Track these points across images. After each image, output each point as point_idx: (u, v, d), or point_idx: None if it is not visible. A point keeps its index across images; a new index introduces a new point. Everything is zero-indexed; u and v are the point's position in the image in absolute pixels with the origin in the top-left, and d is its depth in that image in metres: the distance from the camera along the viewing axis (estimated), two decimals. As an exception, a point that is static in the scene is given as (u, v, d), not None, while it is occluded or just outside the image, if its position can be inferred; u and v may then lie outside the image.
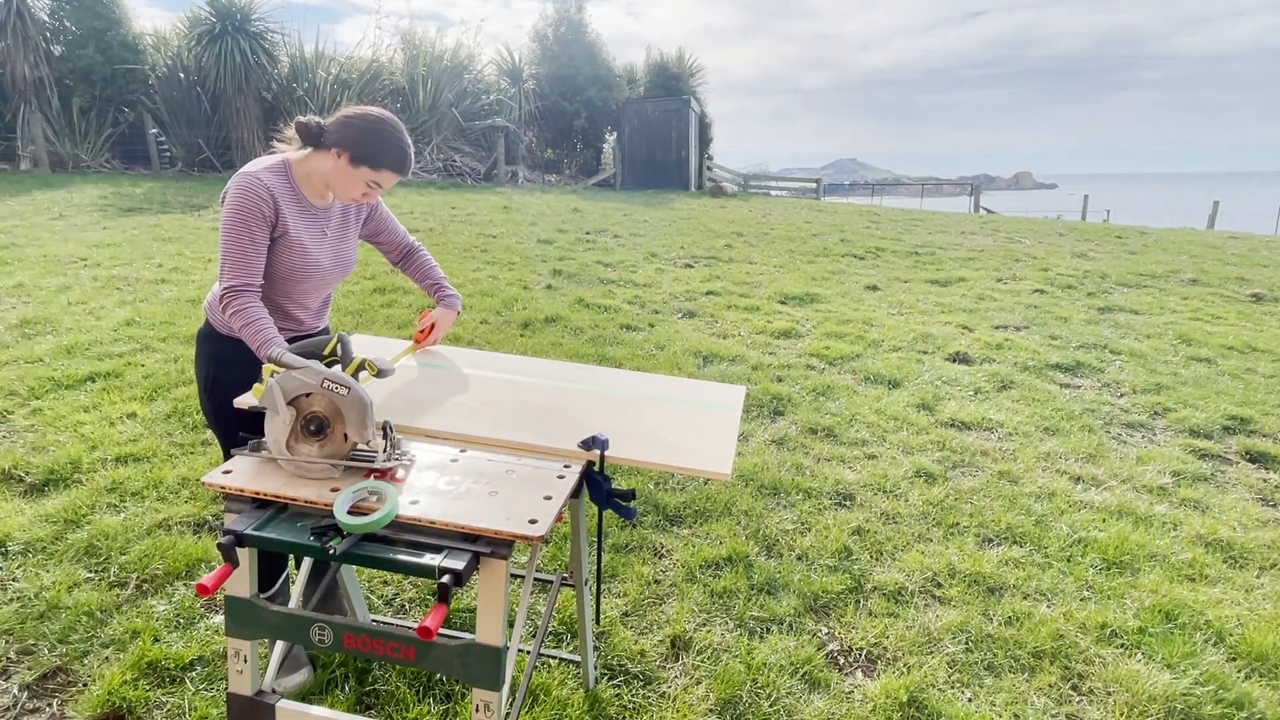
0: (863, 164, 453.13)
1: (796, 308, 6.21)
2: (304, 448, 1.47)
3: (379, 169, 1.78)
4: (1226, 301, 7.09)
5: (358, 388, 1.45)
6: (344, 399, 1.45)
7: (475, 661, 1.35)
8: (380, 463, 1.48)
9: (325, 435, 1.46)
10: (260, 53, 14.28)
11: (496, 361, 2.13)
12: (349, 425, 1.46)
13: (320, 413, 1.46)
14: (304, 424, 1.47)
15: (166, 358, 4.12)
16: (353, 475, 1.46)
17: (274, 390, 1.45)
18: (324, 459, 1.46)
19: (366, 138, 1.77)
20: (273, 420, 1.46)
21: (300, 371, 1.46)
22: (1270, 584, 2.60)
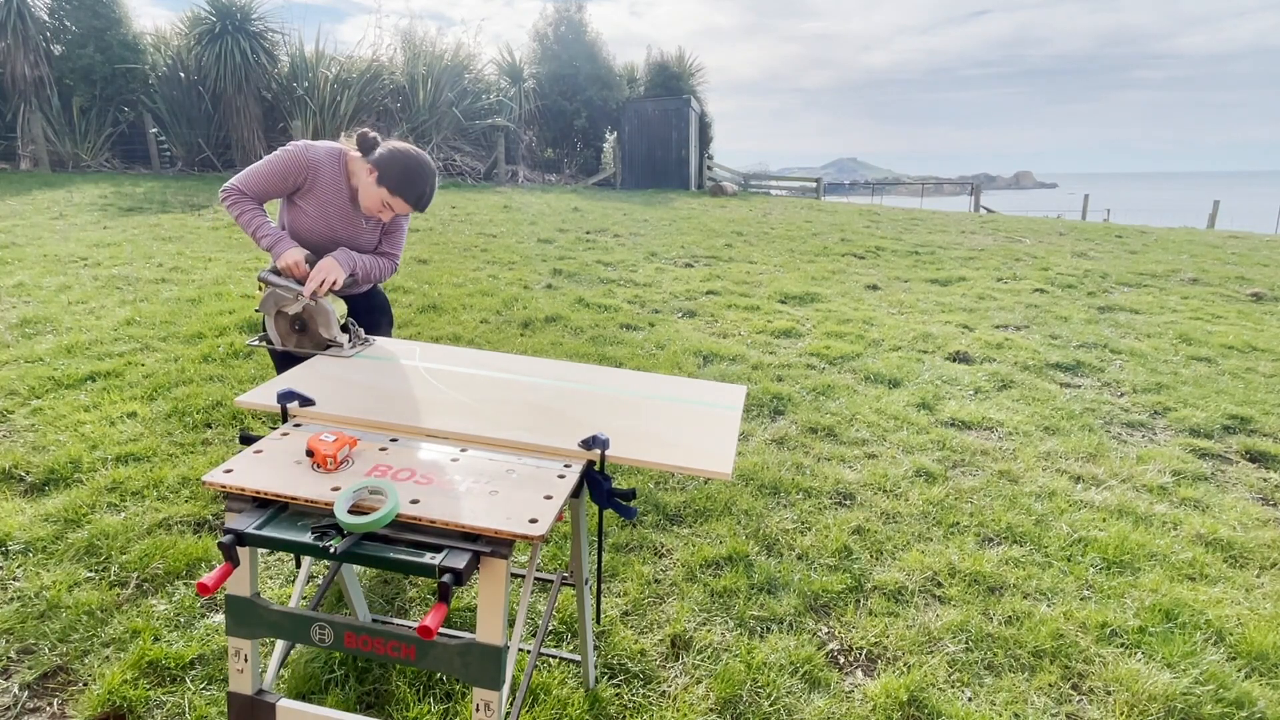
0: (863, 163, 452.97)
1: (796, 307, 6.21)
2: (293, 339, 2.06)
3: (395, 195, 2.11)
4: (1227, 301, 7.09)
5: (321, 299, 2.02)
6: (314, 307, 2.03)
7: (475, 661, 1.35)
8: (347, 353, 2.02)
9: (307, 331, 2.05)
10: (260, 52, 14.28)
11: (496, 361, 2.13)
12: (320, 326, 2.03)
13: (299, 315, 2.04)
14: (290, 323, 2.05)
15: (167, 357, 4.12)
16: (352, 476, 1.46)
17: (269, 301, 2.04)
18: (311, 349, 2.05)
19: (398, 167, 2.10)
20: (270, 320, 2.05)
21: (282, 289, 2.02)
22: (1270, 583, 2.60)
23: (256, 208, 2.18)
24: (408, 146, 2.14)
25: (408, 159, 2.10)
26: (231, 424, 3.39)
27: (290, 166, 2.15)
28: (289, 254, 2.09)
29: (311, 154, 2.17)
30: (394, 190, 2.10)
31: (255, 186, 2.16)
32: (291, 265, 2.07)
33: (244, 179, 2.16)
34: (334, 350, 2.04)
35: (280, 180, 2.17)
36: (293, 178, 2.17)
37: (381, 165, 2.10)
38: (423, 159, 2.13)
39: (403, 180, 2.10)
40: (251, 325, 4.69)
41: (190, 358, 4.11)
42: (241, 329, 4.63)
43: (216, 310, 4.96)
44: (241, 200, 2.16)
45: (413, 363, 2.06)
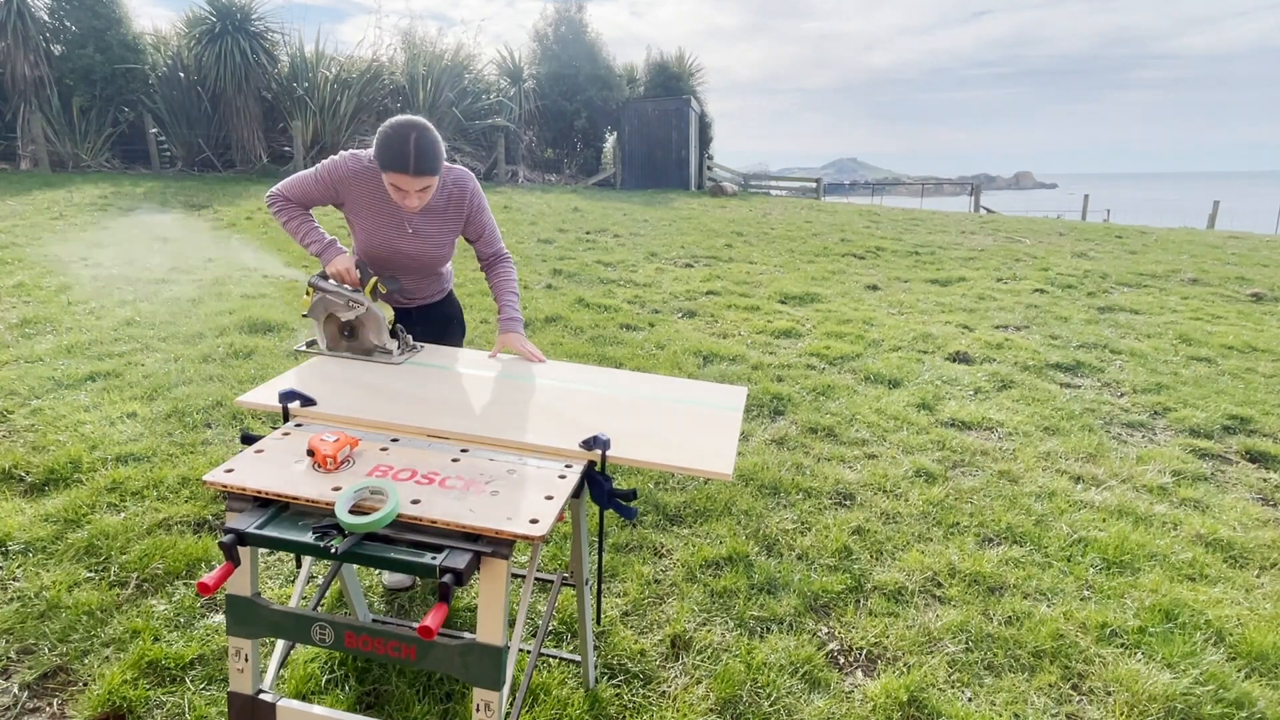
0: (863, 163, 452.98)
1: (796, 307, 6.21)
2: (343, 344, 2.04)
3: (386, 171, 1.94)
4: (1227, 301, 7.09)
5: (372, 306, 1.99)
6: (366, 314, 1.99)
7: (476, 661, 1.35)
8: (397, 359, 2.01)
9: (356, 337, 2.02)
10: (260, 52, 14.28)
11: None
12: (370, 332, 2.01)
13: (350, 322, 2.01)
14: (340, 329, 2.03)
15: (166, 357, 4.12)
16: (353, 477, 1.46)
17: (319, 306, 2.01)
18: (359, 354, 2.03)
19: (377, 143, 1.94)
20: (318, 326, 2.03)
21: (331, 294, 1.99)
22: (1270, 584, 2.60)
23: (303, 214, 2.13)
24: (393, 119, 1.95)
25: (386, 130, 1.92)
26: (231, 424, 3.39)
27: (333, 174, 2.07)
28: (338, 260, 2.04)
29: (354, 164, 2.06)
30: (383, 167, 1.93)
31: (298, 192, 2.11)
32: (342, 271, 2.02)
33: (288, 185, 2.12)
34: (381, 356, 2.02)
35: (323, 187, 2.09)
36: (336, 186, 2.08)
37: (373, 153, 1.98)
38: (398, 121, 1.92)
39: (382, 153, 1.92)
40: (251, 325, 4.69)
41: (190, 358, 4.11)
42: (241, 329, 4.63)
43: (216, 310, 4.96)
44: (287, 206, 2.12)
45: (414, 363, 2.06)
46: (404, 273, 2.20)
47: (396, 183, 1.94)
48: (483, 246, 2.31)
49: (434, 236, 2.17)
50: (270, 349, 4.32)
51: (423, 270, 2.24)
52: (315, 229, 2.12)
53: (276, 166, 14.80)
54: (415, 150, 1.89)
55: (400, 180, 1.93)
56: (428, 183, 1.96)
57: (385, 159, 1.91)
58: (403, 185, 1.94)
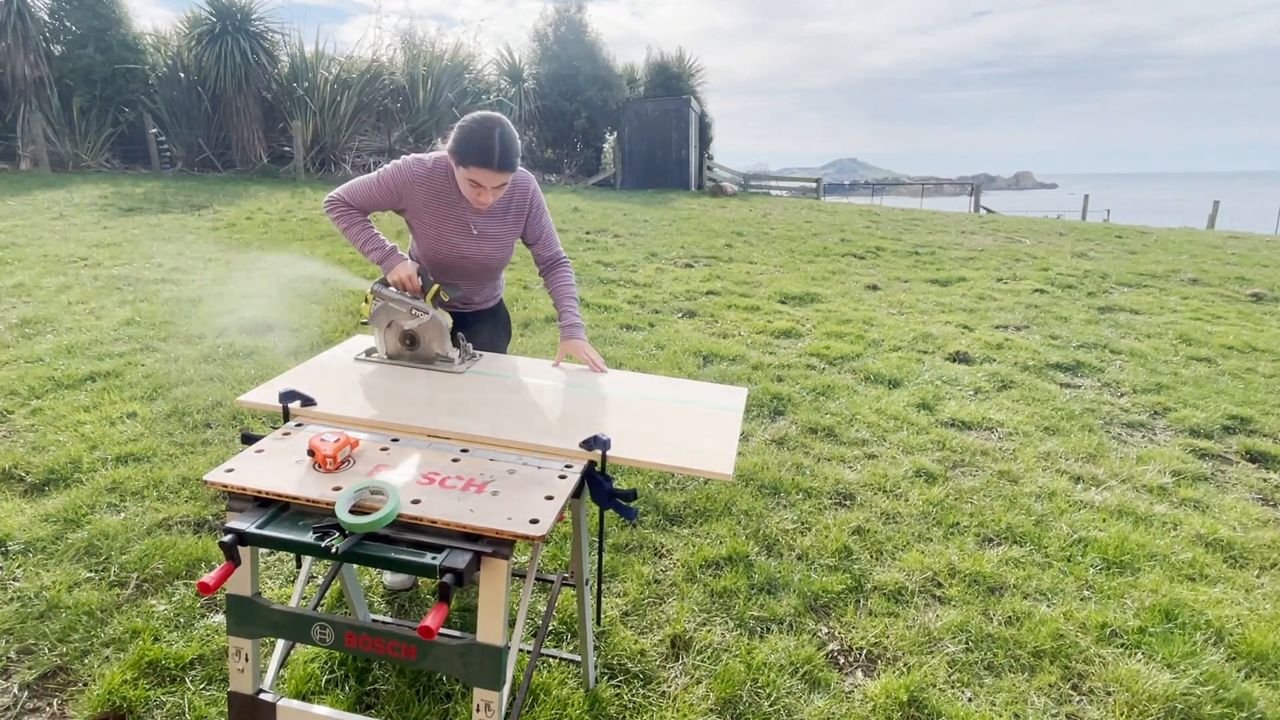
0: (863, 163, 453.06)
1: (796, 307, 6.21)
2: (404, 352, 2.01)
3: (467, 166, 1.91)
4: (1227, 301, 7.09)
5: (436, 314, 1.96)
6: (429, 322, 1.96)
7: (476, 661, 1.35)
8: (458, 368, 1.99)
9: (417, 345, 1.99)
10: (260, 52, 14.28)
11: (497, 362, 2.13)
12: (432, 340, 1.98)
13: (412, 330, 1.98)
14: (400, 338, 2.00)
15: (166, 357, 4.12)
16: (353, 477, 1.46)
17: (381, 314, 1.97)
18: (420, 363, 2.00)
19: (457, 137, 1.92)
20: (380, 334, 2.01)
21: (394, 302, 1.95)
22: (1270, 584, 2.60)
23: (363, 219, 2.09)
24: (474, 113, 1.93)
25: (466, 125, 1.90)
26: (231, 424, 3.39)
27: (397, 178, 2.03)
28: (400, 268, 1.99)
29: (419, 168, 2.03)
30: (463, 161, 1.90)
31: (360, 198, 2.06)
32: (405, 279, 1.98)
33: (348, 190, 2.07)
34: (443, 365, 2.00)
35: (386, 192, 2.05)
36: (400, 190, 2.04)
37: (450, 147, 1.94)
38: (479, 115, 1.91)
39: (463, 148, 1.89)
40: (251, 326, 4.69)
41: (190, 358, 4.11)
42: (241, 329, 4.63)
43: (216, 310, 4.96)
44: (348, 212, 2.07)
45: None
46: (465, 277, 2.17)
47: (477, 178, 1.92)
48: (541, 249, 2.27)
49: (497, 238, 2.14)
50: (270, 349, 4.32)
51: (484, 274, 2.21)
52: (376, 235, 2.07)
53: (276, 167, 14.80)
54: (499, 145, 1.88)
55: (482, 175, 1.91)
56: (507, 178, 1.95)
57: (467, 154, 1.89)
58: (483, 181, 1.92)
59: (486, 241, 2.13)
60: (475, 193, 1.96)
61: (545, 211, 2.23)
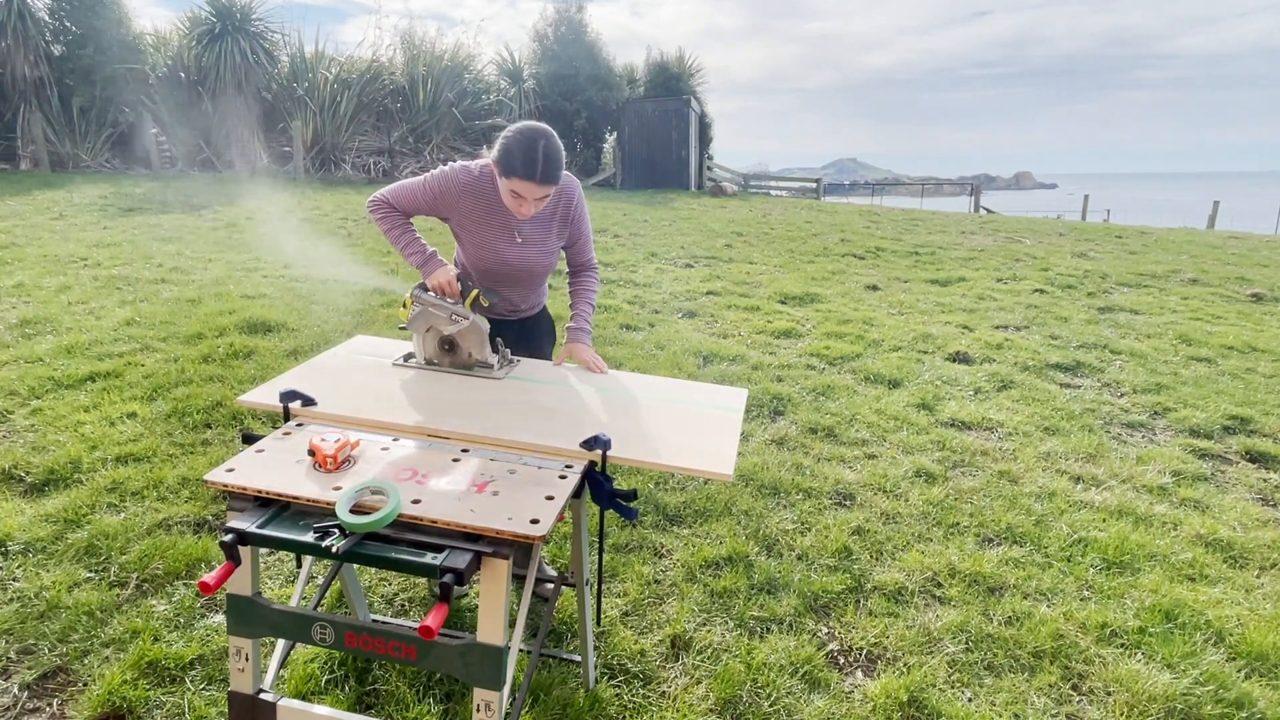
0: (863, 164, 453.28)
1: (796, 307, 6.21)
2: (442, 358, 2.00)
3: (509, 177, 1.89)
4: (1227, 301, 7.09)
5: (475, 318, 1.95)
6: (469, 327, 1.95)
7: (476, 661, 1.36)
8: (497, 374, 1.98)
9: (456, 350, 1.99)
10: (260, 53, 14.29)
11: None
12: (471, 345, 1.98)
13: (451, 336, 1.97)
14: (439, 343, 2.00)
15: (166, 357, 4.12)
16: (353, 476, 1.46)
17: (420, 319, 1.96)
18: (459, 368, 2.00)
19: (501, 147, 1.90)
20: (419, 339, 2.00)
21: (433, 307, 1.94)
22: (1270, 584, 2.60)
23: (405, 222, 2.07)
24: (519, 124, 1.92)
25: (512, 135, 1.89)
26: (231, 424, 3.39)
27: (443, 185, 2.01)
28: (440, 273, 1.97)
29: (464, 176, 2.02)
30: (506, 172, 1.89)
31: (404, 200, 2.05)
32: (444, 284, 1.96)
33: (394, 192, 2.05)
34: (481, 370, 1.99)
35: (431, 198, 2.03)
36: (445, 197, 2.02)
37: (494, 157, 1.93)
38: (524, 126, 1.90)
39: (507, 159, 1.88)
40: (251, 325, 4.69)
41: (190, 358, 4.11)
42: (241, 329, 4.63)
43: (216, 310, 4.96)
44: (391, 214, 2.05)
45: (414, 364, 2.06)
46: (509, 283, 2.16)
47: (519, 189, 1.90)
48: (576, 254, 2.28)
49: (541, 245, 2.13)
50: (270, 349, 4.32)
51: (529, 280, 2.20)
52: (417, 239, 2.06)
53: (276, 167, 14.81)
54: (543, 158, 1.87)
55: (524, 187, 1.89)
56: (549, 191, 1.93)
57: (511, 165, 1.88)
58: (525, 193, 1.91)
59: (531, 248, 2.12)
60: (516, 203, 1.95)
61: (587, 217, 2.24)
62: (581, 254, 2.27)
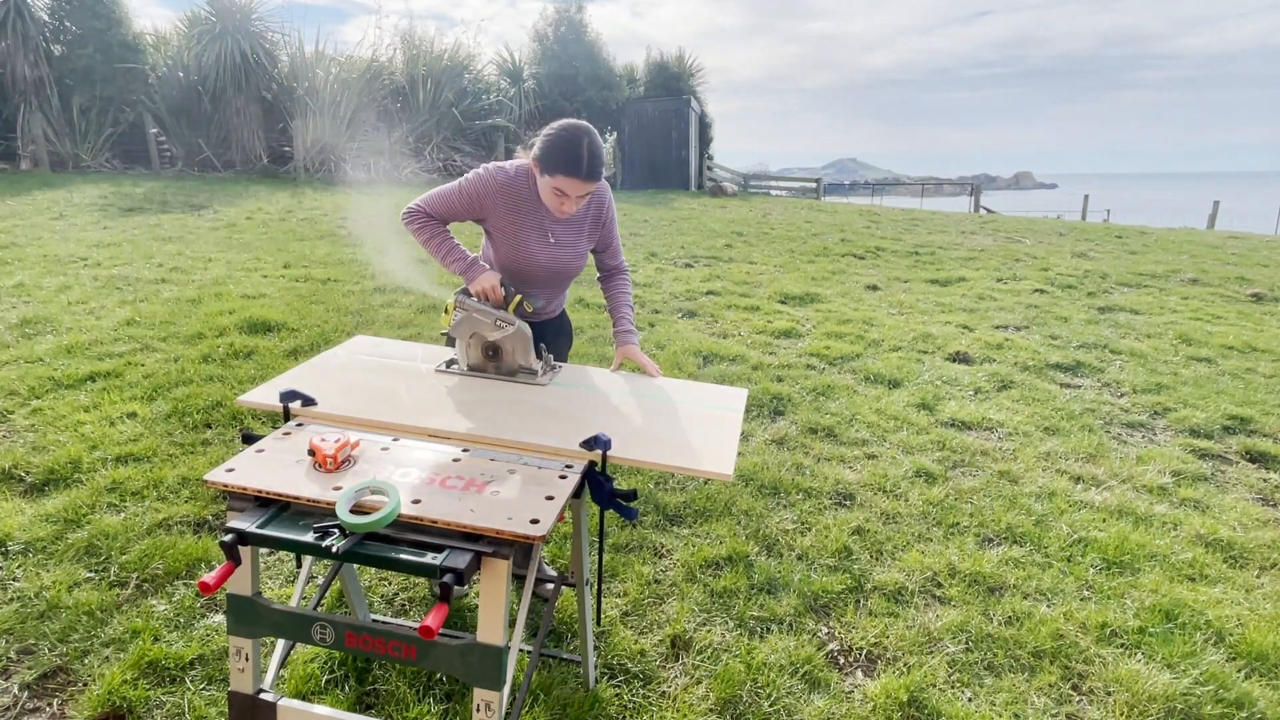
0: (863, 164, 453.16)
1: (796, 307, 6.21)
2: (486, 364, 1.98)
3: (553, 174, 1.88)
4: (1227, 301, 7.09)
5: (520, 324, 1.92)
6: (515, 334, 1.92)
7: (476, 661, 1.36)
8: (542, 380, 1.95)
9: (499, 357, 1.97)
10: (260, 52, 14.30)
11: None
12: (517, 351, 1.95)
13: (496, 342, 1.95)
14: (483, 349, 1.97)
15: (166, 357, 4.12)
16: (354, 476, 1.46)
17: (464, 325, 1.92)
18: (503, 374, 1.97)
19: (544, 145, 1.89)
20: (462, 345, 1.98)
21: (478, 313, 1.91)
22: (1270, 584, 2.60)
23: (444, 230, 2.04)
24: (561, 121, 1.92)
25: (554, 133, 1.88)
26: (231, 424, 3.39)
27: (479, 187, 1.99)
28: (483, 278, 1.95)
29: (500, 176, 1.99)
30: (550, 169, 1.88)
31: (441, 208, 2.02)
32: (488, 289, 1.94)
33: (429, 201, 2.02)
34: (525, 376, 1.96)
35: (468, 202, 2.00)
36: (482, 199, 2.00)
37: (536, 153, 1.91)
38: (567, 124, 1.90)
39: (551, 156, 1.87)
40: (251, 325, 4.69)
41: (190, 358, 4.11)
42: (241, 329, 4.63)
43: (216, 310, 4.96)
44: (428, 223, 2.03)
45: (416, 365, 2.06)
46: (539, 285, 2.14)
47: (563, 187, 1.89)
48: (607, 258, 2.27)
49: (573, 247, 2.12)
50: (270, 349, 4.32)
51: (559, 282, 2.19)
52: (457, 246, 2.03)
53: (276, 167, 14.81)
54: (588, 154, 1.87)
55: (568, 185, 1.89)
56: (593, 188, 1.93)
57: (555, 162, 1.87)
58: (569, 190, 1.90)
59: (564, 250, 2.10)
60: (559, 201, 1.94)
61: (616, 221, 2.23)
62: (613, 258, 2.27)
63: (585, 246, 2.17)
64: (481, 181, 1.99)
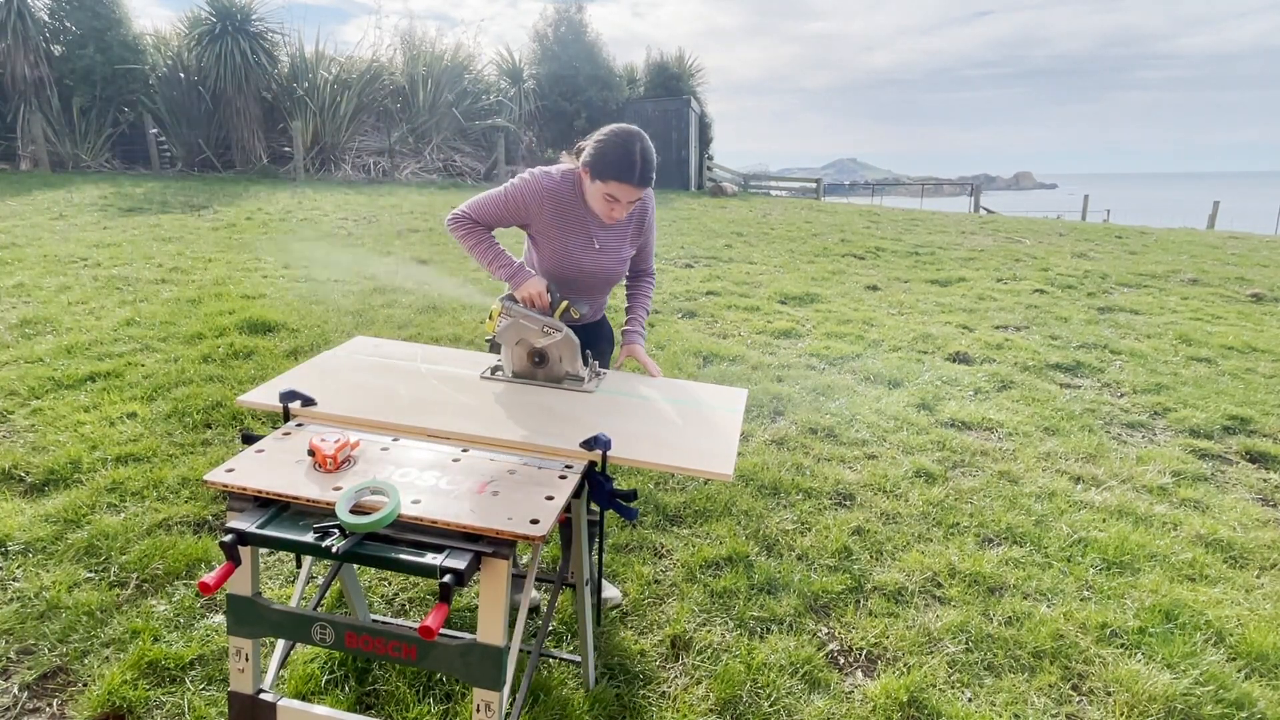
0: (863, 164, 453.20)
1: (796, 308, 6.21)
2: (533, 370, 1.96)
3: (606, 180, 1.89)
4: (1226, 301, 7.09)
5: (568, 330, 1.89)
6: (562, 340, 1.90)
7: (476, 661, 1.36)
8: (588, 387, 1.93)
9: (545, 363, 1.94)
10: (260, 53, 14.29)
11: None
12: (564, 358, 1.93)
13: (543, 348, 1.92)
14: (529, 356, 1.95)
15: (166, 358, 4.12)
16: (354, 477, 1.46)
17: (510, 331, 1.90)
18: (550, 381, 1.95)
19: (596, 150, 1.90)
20: (507, 351, 1.95)
21: (525, 319, 1.88)
22: (1270, 584, 2.60)
23: (490, 236, 2.03)
24: (611, 126, 1.93)
25: (606, 137, 1.89)
26: (231, 424, 3.39)
27: (525, 193, 1.98)
28: (530, 284, 1.94)
29: (547, 181, 1.99)
30: (602, 175, 1.88)
31: (486, 214, 2.01)
32: (535, 295, 1.93)
33: (475, 207, 2.01)
34: (571, 383, 1.95)
35: (514, 208, 2.00)
36: (528, 205, 1.99)
37: (586, 159, 1.92)
38: (619, 129, 1.90)
39: (603, 162, 1.87)
40: (251, 325, 4.69)
41: (190, 358, 4.11)
42: (241, 329, 4.63)
43: (216, 310, 4.96)
44: (474, 230, 2.02)
45: (416, 365, 2.06)
46: (582, 291, 2.14)
47: (615, 193, 1.89)
48: (639, 260, 2.27)
49: (618, 253, 2.12)
50: (270, 349, 4.32)
51: (602, 287, 2.18)
52: (503, 252, 2.02)
53: (276, 167, 14.81)
54: (641, 160, 1.88)
55: (622, 190, 1.89)
56: (644, 193, 1.93)
57: (609, 168, 1.87)
58: (622, 195, 1.90)
59: (607, 255, 2.10)
60: (609, 207, 1.94)
61: (654, 225, 2.23)
62: (644, 260, 2.27)
63: (628, 252, 2.16)
64: (527, 187, 1.98)
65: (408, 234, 8.70)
